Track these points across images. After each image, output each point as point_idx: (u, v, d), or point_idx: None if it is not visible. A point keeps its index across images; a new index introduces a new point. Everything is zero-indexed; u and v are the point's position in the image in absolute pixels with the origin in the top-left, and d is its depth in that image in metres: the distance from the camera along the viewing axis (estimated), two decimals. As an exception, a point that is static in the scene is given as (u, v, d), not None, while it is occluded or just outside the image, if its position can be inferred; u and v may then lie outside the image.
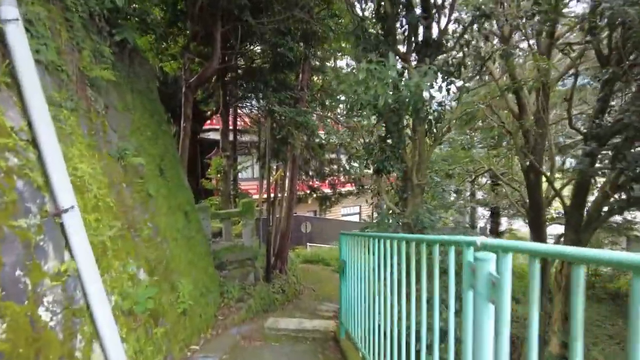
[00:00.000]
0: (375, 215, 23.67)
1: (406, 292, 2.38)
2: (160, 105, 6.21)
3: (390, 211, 4.79)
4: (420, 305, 2.10)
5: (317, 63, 9.70)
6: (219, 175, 8.46)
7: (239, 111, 12.25)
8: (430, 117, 3.70)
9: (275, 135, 9.16)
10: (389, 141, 4.10)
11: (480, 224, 26.94)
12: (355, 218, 26.31)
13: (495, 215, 15.25)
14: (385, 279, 2.69)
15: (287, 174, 9.15)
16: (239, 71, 9.54)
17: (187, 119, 6.63)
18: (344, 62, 14.12)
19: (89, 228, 2.51)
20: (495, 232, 16.40)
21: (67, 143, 2.69)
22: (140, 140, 4.57)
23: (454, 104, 4.47)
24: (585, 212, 5.08)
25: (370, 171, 18.33)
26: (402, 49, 4.27)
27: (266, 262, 8.17)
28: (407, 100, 2.89)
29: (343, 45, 9.34)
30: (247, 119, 14.02)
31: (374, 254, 2.98)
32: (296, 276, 9.76)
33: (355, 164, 14.86)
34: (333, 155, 14.77)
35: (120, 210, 3.29)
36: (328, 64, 11.31)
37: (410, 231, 4.09)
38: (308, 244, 18.84)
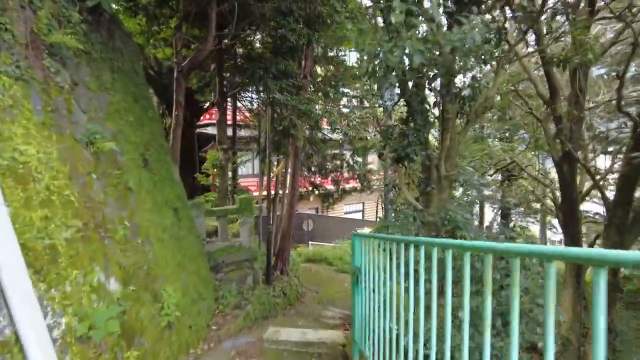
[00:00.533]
0: (381, 213, 23.10)
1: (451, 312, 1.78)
2: (148, 90, 5.59)
3: (407, 208, 4.19)
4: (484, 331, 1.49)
5: (321, 50, 9.06)
6: (215, 170, 7.86)
7: (238, 104, 11.64)
8: (465, 93, 3.07)
9: (276, 127, 8.54)
10: (412, 124, 3.47)
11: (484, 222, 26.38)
12: (358, 216, 25.72)
13: (505, 216, 14.59)
14: (418, 296, 2.08)
15: (289, 168, 8.53)
16: (238, 59, 8.93)
17: (180, 107, 6.02)
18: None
19: (28, 228, 1.90)
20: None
21: (4, 118, 2.07)
22: (120, 125, 3.96)
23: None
24: (631, 210, 4.47)
25: (374, 166, 17.65)
26: None
27: (266, 263, 7.58)
28: (443, 64, 2.30)
29: (348, 30, 8.68)
30: (246, 113, 13.42)
31: (401, 262, 2.37)
32: (298, 277, 9.16)
33: (360, 159, 14.24)
34: (336, 151, 14.17)
35: (86, 206, 2.68)
36: (331, 54, 10.68)
37: (436, 231, 3.49)
38: (310, 242, 18.26)
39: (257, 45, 8.36)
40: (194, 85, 8.86)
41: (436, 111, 3.69)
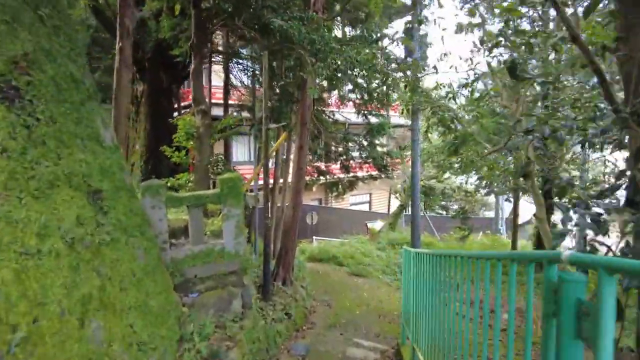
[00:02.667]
0: (396, 204, 20.97)
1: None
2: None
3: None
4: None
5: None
6: (191, 144, 5.69)
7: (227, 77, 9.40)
8: None
9: (275, 85, 6.32)
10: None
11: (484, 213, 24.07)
12: (365, 207, 23.59)
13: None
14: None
15: (294, 142, 6.36)
16: None
17: (127, 35, 3.81)
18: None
19: None
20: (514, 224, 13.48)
21: None
22: None
23: None
24: None
25: (393, 148, 15.30)
26: None
27: (263, 272, 5.45)
28: None
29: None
30: (242, 90, 11.16)
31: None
32: (305, 287, 7.05)
33: (378, 141, 11.97)
34: (346, 130, 11.96)
35: None
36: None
37: None
38: (314, 237, 16.13)
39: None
40: (166, 33, 6.60)
41: None
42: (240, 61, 9.73)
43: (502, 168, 6.75)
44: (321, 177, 12.35)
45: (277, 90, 6.63)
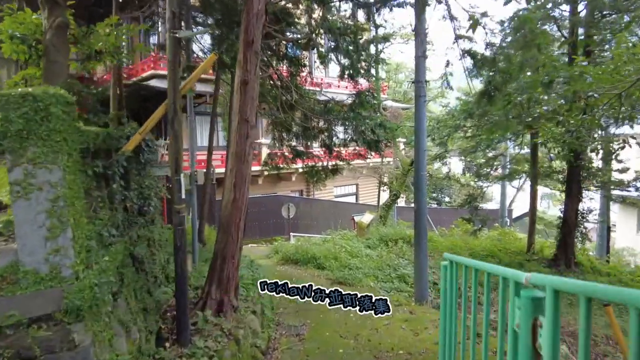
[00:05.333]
0: (386, 195, 18.63)
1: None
2: None
3: None
4: None
5: None
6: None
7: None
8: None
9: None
10: None
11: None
12: (352, 199, 21.23)
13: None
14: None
15: (237, 77, 3.90)
16: None
17: None
18: None
19: None
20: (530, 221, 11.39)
21: None
22: None
23: None
24: None
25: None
26: None
27: (176, 302, 2.98)
28: None
29: None
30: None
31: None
32: (262, 304, 4.62)
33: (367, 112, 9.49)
34: (327, 97, 9.49)
35: None
36: None
37: None
38: (291, 234, 13.68)
39: None
40: None
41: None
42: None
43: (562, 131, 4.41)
44: (298, 157, 9.85)
45: None
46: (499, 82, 3.95)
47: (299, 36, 7.93)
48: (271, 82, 9.14)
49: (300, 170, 14.15)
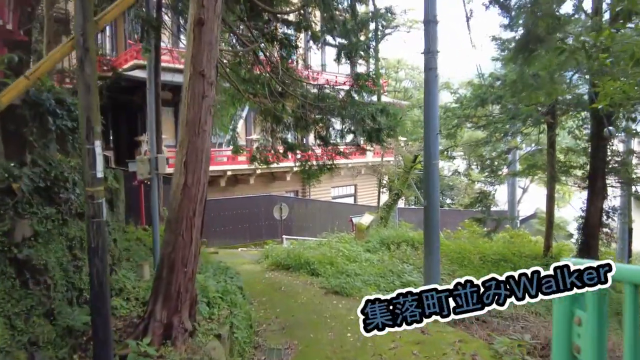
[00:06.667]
0: (385, 196, 17.60)
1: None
2: None
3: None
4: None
5: None
6: None
7: None
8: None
9: None
10: None
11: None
12: (350, 200, 20.17)
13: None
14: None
15: (190, 16, 2.88)
16: None
17: None
18: None
19: None
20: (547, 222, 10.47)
21: None
22: None
23: None
24: None
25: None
26: None
27: (92, 324, 1.93)
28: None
29: None
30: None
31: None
32: (222, 336, 3.56)
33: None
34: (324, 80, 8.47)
35: None
36: None
37: None
38: (285, 236, 12.62)
39: None
40: None
41: None
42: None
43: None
44: (290, 151, 8.83)
45: None
46: (544, 29, 2.94)
47: (288, 9, 6.97)
48: (260, 65, 8.17)
49: (295, 169, 13.17)
